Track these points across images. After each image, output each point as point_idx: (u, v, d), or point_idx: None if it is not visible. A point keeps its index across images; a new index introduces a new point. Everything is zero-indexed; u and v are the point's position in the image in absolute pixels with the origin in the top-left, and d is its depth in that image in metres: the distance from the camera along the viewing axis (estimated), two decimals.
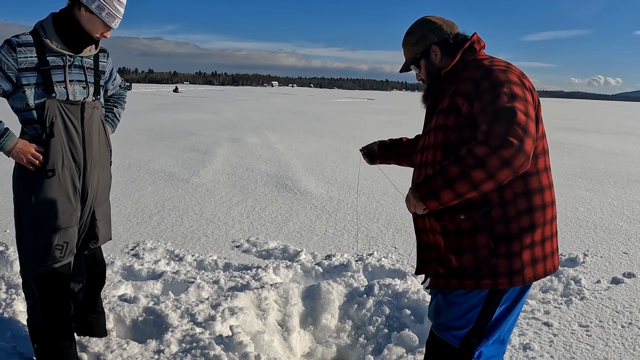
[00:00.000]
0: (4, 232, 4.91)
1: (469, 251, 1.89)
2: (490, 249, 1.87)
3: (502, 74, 1.85)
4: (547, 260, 1.96)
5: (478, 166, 1.70)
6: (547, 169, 1.97)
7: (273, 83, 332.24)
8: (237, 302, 3.37)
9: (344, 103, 46.24)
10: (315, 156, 10.55)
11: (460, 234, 1.90)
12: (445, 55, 2.05)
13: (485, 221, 1.86)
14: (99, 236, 2.66)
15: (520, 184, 1.87)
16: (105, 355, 2.77)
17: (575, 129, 20.13)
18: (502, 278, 1.89)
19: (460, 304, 1.98)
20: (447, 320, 2.03)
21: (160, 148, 10.99)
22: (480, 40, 2.06)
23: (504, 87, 1.80)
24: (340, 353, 3.18)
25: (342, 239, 5.13)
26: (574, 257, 4.66)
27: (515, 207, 1.86)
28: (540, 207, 1.91)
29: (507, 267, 1.88)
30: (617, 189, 8.08)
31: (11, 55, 2.29)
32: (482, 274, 1.90)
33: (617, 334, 3.27)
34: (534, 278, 1.93)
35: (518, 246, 1.88)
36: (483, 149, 1.70)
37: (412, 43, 2.12)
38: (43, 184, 2.38)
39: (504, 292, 1.95)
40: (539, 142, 1.91)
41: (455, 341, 2.01)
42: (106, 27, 2.40)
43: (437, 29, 2.07)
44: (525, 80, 1.90)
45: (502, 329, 2.04)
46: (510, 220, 1.86)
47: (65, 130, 2.40)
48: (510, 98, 1.77)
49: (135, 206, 6.09)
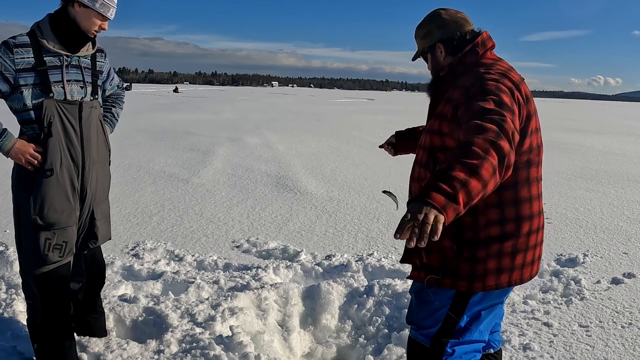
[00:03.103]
0: (4, 232, 4.91)
1: (436, 251, 1.94)
2: (453, 251, 1.91)
3: (493, 82, 1.82)
4: (515, 272, 1.95)
5: (474, 172, 1.47)
6: (531, 182, 1.94)
7: (273, 83, 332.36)
8: (237, 302, 3.37)
9: (344, 103, 46.24)
10: (315, 156, 10.55)
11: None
12: (449, 54, 2.04)
13: (451, 225, 1.82)
14: (99, 236, 2.66)
15: (492, 195, 1.85)
16: (105, 355, 2.77)
17: (575, 129, 20.13)
18: (461, 281, 1.92)
19: (430, 302, 2.02)
20: (418, 319, 2.07)
21: (160, 148, 10.99)
22: (486, 41, 2.02)
23: (493, 95, 1.77)
24: (340, 353, 3.18)
25: (342, 239, 5.13)
26: (574, 257, 4.66)
27: (486, 216, 1.88)
28: (513, 219, 1.90)
29: (469, 271, 1.91)
30: (617, 189, 8.08)
31: (8, 56, 2.30)
32: (445, 273, 1.94)
33: (617, 334, 3.27)
34: (495, 287, 1.93)
35: (483, 253, 1.89)
36: (505, 144, 1.56)
37: (420, 36, 2.12)
38: (42, 183, 2.38)
39: (471, 295, 1.96)
40: (524, 155, 1.89)
41: (425, 340, 2.03)
42: (102, 18, 2.40)
43: (445, 26, 2.04)
44: (518, 90, 1.85)
45: (474, 330, 2.03)
46: (479, 229, 1.89)
47: (63, 130, 2.40)
48: (498, 105, 1.73)
49: (135, 206, 6.09)
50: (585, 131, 19.61)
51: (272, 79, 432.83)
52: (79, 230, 2.56)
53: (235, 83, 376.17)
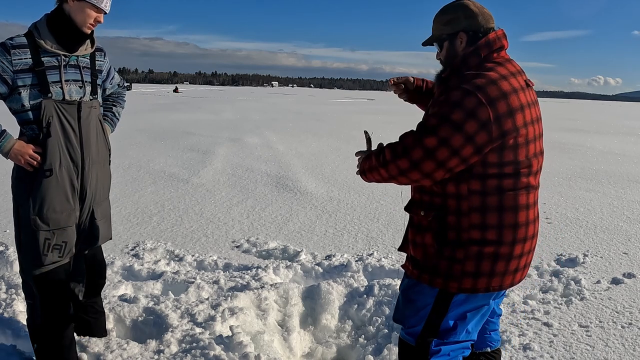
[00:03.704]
0: (3, 232, 4.91)
1: (420, 246, 2.01)
2: (434, 249, 1.96)
3: (461, 95, 1.80)
4: (495, 278, 1.94)
5: (383, 166, 1.96)
6: (519, 190, 1.90)
7: (273, 83, 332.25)
8: (237, 302, 3.37)
9: (344, 103, 46.24)
10: (315, 156, 10.55)
11: (418, 228, 2.02)
12: (469, 46, 1.99)
13: (436, 223, 1.95)
14: (99, 236, 2.65)
15: (476, 199, 1.89)
16: (105, 355, 2.77)
17: (575, 129, 20.13)
18: (438, 278, 1.96)
19: (415, 301, 2.05)
20: (404, 317, 2.09)
21: (160, 148, 10.99)
22: (492, 43, 1.97)
23: (448, 108, 1.81)
24: (340, 353, 3.18)
25: (342, 239, 5.13)
26: (574, 257, 4.66)
27: (469, 219, 1.90)
28: (495, 226, 1.89)
29: (446, 270, 1.94)
30: (617, 189, 8.08)
31: (5, 57, 2.29)
32: (425, 269, 2.00)
33: (617, 334, 3.27)
34: (471, 290, 1.94)
35: (462, 254, 1.91)
36: (389, 153, 1.93)
37: (442, 22, 2.04)
38: (41, 184, 2.38)
39: (452, 295, 1.97)
40: (510, 165, 1.87)
41: (411, 339, 2.05)
42: (97, 10, 2.38)
43: (472, 18, 2.00)
44: (493, 106, 1.79)
45: (461, 331, 2.03)
46: (461, 230, 1.92)
47: (62, 130, 2.39)
48: (440, 121, 1.82)
49: (135, 206, 6.09)
50: (585, 131, 19.61)
51: (272, 79, 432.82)
52: (79, 230, 2.56)
53: (235, 83, 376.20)
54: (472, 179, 1.88)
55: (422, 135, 1.85)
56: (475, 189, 1.88)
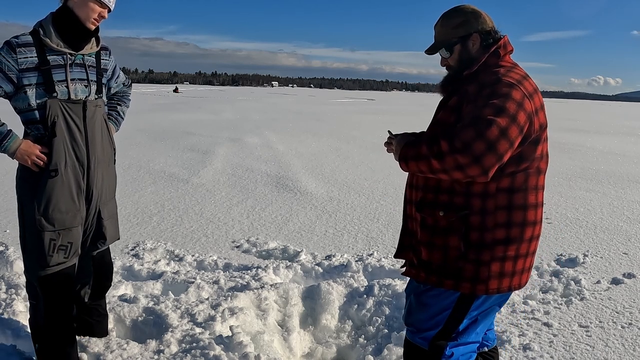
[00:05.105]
0: (4, 232, 4.91)
1: (439, 249, 1.93)
2: (460, 251, 1.90)
3: (507, 87, 1.82)
4: (515, 277, 1.96)
5: (437, 157, 1.79)
6: (538, 189, 1.95)
7: (273, 83, 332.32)
8: (237, 302, 3.37)
9: (344, 103, 46.24)
10: (315, 156, 10.55)
11: (435, 229, 1.94)
12: (482, 47, 2.00)
13: (461, 224, 1.89)
14: (107, 236, 2.63)
15: (504, 197, 1.87)
16: (105, 355, 2.77)
17: (575, 130, 20.13)
18: (465, 283, 1.91)
19: (431, 305, 2.00)
20: (417, 321, 2.05)
21: (160, 148, 10.99)
22: (507, 45, 2.02)
23: (500, 100, 1.79)
24: (340, 353, 3.18)
25: (342, 239, 5.13)
26: (574, 257, 4.66)
27: (494, 218, 1.88)
28: (519, 223, 1.91)
29: (473, 273, 1.90)
30: (617, 189, 8.08)
31: (11, 56, 2.28)
32: (447, 273, 1.93)
33: (617, 334, 3.27)
34: (497, 291, 1.93)
35: (488, 256, 1.89)
36: (446, 145, 1.77)
37: (452, 25, 2.02)
38: (46, 184, 2.36)
39: (474, 298, 1.95)
40: (535, 161, 1.91)
41: (424, 343, 2.02)
42: (101, 5, 2.38)
43: (482, 20, 2.02)
44: (531, 100, 1.85)
45: (472, 332, 2.03)
46: (486, 230, 1.88)
47: (67, 130, 2.38)
48: (497, 112, 1.75)
49: (135, 206, 6.09)
50: (585, 131, 19.61)
51: (272, 79, 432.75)
52: (86, 230, 2.55)
53: (235, 83, 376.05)
54: (503, 176, 1.86)
55: (482, 128, 1.74)
56: (504, 186, 1.87)
